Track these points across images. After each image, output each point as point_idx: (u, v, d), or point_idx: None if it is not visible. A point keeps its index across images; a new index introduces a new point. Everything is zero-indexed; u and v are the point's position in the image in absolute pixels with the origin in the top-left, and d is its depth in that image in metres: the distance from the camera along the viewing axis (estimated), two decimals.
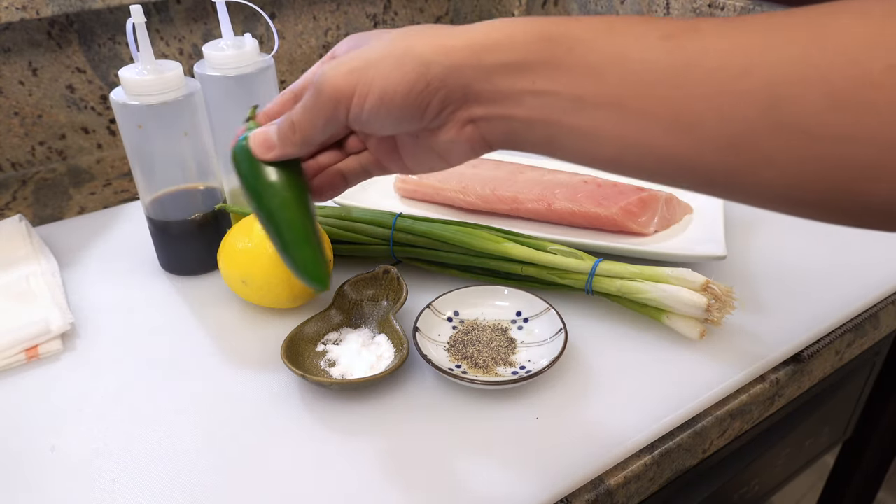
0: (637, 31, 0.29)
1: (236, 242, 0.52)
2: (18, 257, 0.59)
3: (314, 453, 0.42)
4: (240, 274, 0.52)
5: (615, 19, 0.30)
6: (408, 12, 1.03)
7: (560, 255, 0.52)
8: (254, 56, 0.56)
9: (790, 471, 0.72)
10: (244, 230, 0.52)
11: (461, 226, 0.56)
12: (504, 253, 0.53)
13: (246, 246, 0.51)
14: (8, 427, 0.45)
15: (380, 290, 0.53)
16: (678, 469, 0.47)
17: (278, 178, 0.38)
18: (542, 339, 0.49)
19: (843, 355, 0.57)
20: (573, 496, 0.41)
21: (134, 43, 0.50)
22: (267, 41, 0.92)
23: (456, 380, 0.45)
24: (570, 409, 0.45)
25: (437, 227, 0.55)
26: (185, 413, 0.46)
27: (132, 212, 0.69)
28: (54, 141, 0.82)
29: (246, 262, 0.51)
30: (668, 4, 0.86)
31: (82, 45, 0.79)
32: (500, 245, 0.53)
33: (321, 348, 0.49)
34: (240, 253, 0.51)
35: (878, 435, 0.84)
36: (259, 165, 0.38)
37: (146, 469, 0.42)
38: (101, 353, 0.51)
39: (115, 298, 0.57)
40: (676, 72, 0.28)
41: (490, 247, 0.53)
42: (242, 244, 0.51)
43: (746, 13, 0.77)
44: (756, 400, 0.49)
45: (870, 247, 0.61)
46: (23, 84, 0.78)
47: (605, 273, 0.51)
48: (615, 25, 0.30)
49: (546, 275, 0.52)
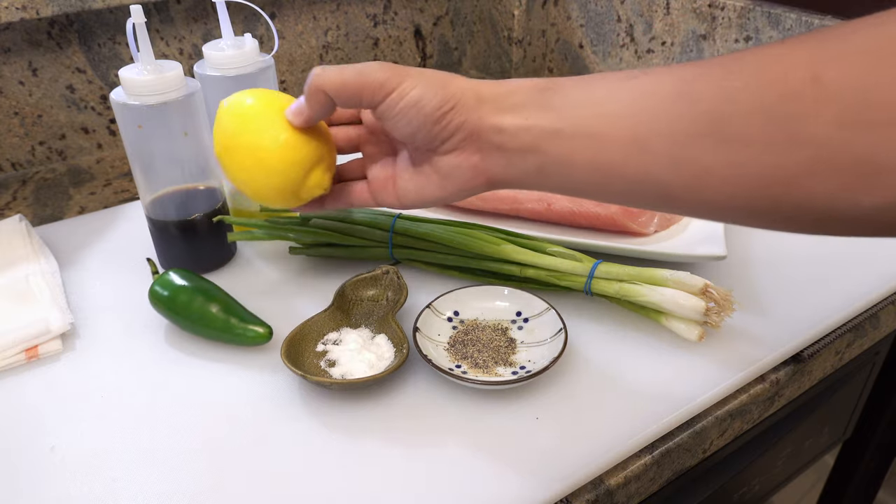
0: (609, 77, 0.36)
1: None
2: (18, 257, 0.59)
3: (314, 453, 0.42)
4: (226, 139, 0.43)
5: (598, 74, 0.38)
6: (408, 12, 1.03)
7: (559, 258, 0.52)
8: (254, 56, 0.56)
9: (790, 471, 0.72)
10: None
11: (460, 227, 0.56)
12: (503, 255, 0.53)
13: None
14: (8, 427, 0.45)
15: (380, 290, 0.53)
16: (678, 469, 0.47)
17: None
18: (542, 339, 0.49)
19: (843, 355, 0.57)
20: (573, 496, 0.41)
21: (134, 43, 0.50)
22: (267, 41, 0.92)
23: (456, 380, 0.45)
24: (570, 409, 0.45)
25: (436, 229, 0.55)
26: (184, 413, 0.46)
27: (132, 212, 0.69)
28: (54, 141, 0.82)
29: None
30: (668, 4, 0.86)
31: (82, 45, 0.79)
32: (499, 247, 0.53)
33: (321, 348, 0.49)
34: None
35: (878, 435, 0.84)
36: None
37: (146, 469, 0.42)
38: (101, 353, 0.51)
39: (115, 298, 0.57)
40: (633, 101, 0.34)
41: (489, 249, 0.53)
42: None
43: (746, 13, 0.78)
44: (756, 400, 0.49)
45: (870, 246, 0.61)
46: (23, 84, 0.78)
47: (603, 275, 0.51)
48: (594, 77, 0.37)
49: (545, 276, 0.52)
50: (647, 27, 0.90)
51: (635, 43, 0.93)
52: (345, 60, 1.00)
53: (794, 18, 0.74)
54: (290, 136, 0.42)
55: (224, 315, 0.49)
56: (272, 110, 0.42)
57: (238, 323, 0.49)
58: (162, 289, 0.51)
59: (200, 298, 0.50)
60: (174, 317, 0.51)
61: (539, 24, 1.04)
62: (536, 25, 1.04)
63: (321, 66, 0.40)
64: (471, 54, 1.13)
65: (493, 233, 0.55)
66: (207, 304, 0.50)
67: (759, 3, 0.77)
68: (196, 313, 0.50)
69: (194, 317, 0.50)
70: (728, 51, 0.81)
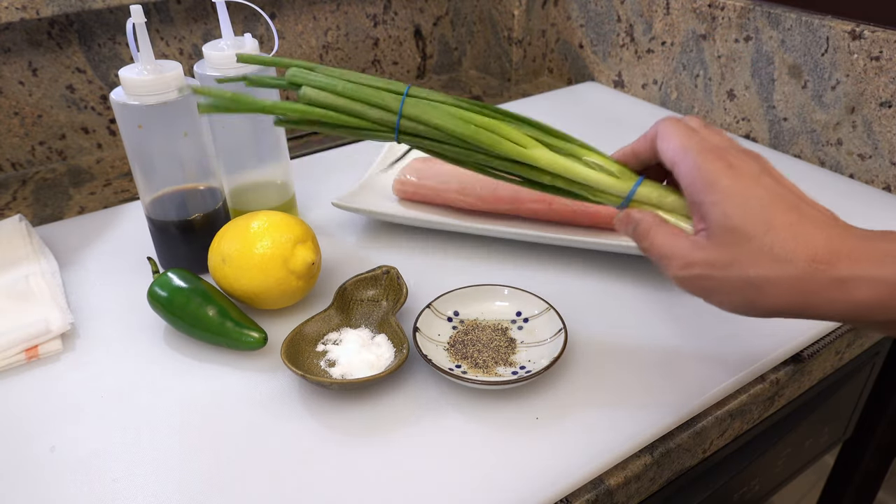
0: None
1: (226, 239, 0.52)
2: (18, 257, 0.59)
3: (314, 453, 0.42)
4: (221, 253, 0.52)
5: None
6: (408, 12, 1.03)
7: (596, 171, 0.44)
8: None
9: (790, 471, 0.72)
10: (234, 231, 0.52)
11: (483, 114, 0.46)
12: (532, 160, 0.45)
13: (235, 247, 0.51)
14: (8, 427, 0.45)
15: (380, 290, 0.53)
16: (678, 469, 0.47)
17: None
18: (542, 339, 0.49)
19: (843, 355, 0.57)
20: (573, 496, 0.41)
21: (134, 43, 0.50)
22: (267, 41, 0.92)
23: (456, 380, 0.45)
24: (570, 409, 0.45)
25: (455, 123, 0.45)
26: (185, 413, 0.46)
27: (132, 212, 0.69)
28: (54, 141, 0.82)
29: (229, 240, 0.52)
30: (668, 4, 0.86)
31: (82, 45, 0.79)
32: (528, 151, 0.45)
33: (321, 348, 0.49)
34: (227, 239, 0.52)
35: (878, 435, 0.84)
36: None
37: (146, 469, 0.42)
38: (101, 353, 0.51)
39: (115, 298, 0.57)
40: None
41: (516, 152, 0.45)
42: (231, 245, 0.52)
43: (746, 13, 0.78)
44: (756, 400, 0.49)
45: None
46: (23, 84, 0.78)
47: (643, 199, 0.43)
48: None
49: (577, 188, 0.46)
50: (647, 27, 0.90)
51: (635, 43, 0.93)
52: (345, 60, 1.00)
53: (794, 18, 0.74)
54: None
55: (220, 319, 0.49)
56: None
57: (233, 327, 0.49)
58: (160, 289, 0.51)
59: (197, 301, 0.50)
60: (171, 318, 0.51)
61: (539, 24, 1.05)
62: (536, 25, 1.04)
63: (656, 222, 0.40)
64: (471, 54, 1.13)
65: (523, 127, 0.46)
66: (204, 307, 0.50)
67: (759, 3, 0.77)
68: (192, 316, 0.50)
69: (190, 319, 0.50)
70: (728, 51, 0.81)
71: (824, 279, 0.33)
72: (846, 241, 0.34)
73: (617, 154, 0.44)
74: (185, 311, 0.50)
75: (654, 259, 0.40)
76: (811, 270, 0.33)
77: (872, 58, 0.68)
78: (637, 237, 0.41)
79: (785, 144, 0.79)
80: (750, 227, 0.34)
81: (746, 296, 0.35)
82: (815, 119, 0.75)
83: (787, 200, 0.35)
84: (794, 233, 0.34)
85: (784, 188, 0.36)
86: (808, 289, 0.33)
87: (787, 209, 0.35)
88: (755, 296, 0.35)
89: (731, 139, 0.40)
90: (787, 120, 0.78)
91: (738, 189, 0.35)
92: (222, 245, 0.51)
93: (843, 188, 0.71)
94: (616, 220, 0.43)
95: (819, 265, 0.33)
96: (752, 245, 0.34)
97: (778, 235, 0.34)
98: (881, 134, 0.70)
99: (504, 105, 0.93)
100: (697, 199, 0.37)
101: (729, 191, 0.35)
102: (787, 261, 0.33)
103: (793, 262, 0.33)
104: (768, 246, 0.34)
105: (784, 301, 0.34)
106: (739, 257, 0.35)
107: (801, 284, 0.33)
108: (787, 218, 0.34)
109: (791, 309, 0.34)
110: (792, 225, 0.34)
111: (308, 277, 0.52)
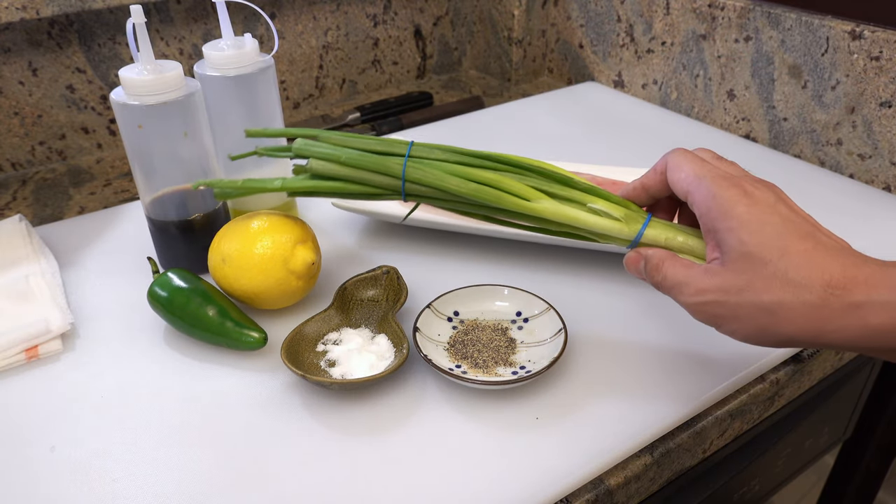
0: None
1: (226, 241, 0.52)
2: (18, 257, 0.59)
3: (314, 453, 0.42)
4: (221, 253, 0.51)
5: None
6: (408, 12, 1.03)
7: (602, 218, 0.44)
8: (254, 56, 0.56)
9: (790, 471, 0.72)
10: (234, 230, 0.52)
11: (484, 169, 0.47)
12: (537, 213, 0.46)
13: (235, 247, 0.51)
14: (8, 427, 0.45)
15: (380, 290, 0.53)
16: (678, 469, 0.47)
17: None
18: (542, 339, 0.49)
19: (843, 355, 0.57)
20: (573, 496, 0.41)
21: (134, 43, 0.50)
22: (267, 41, 0.92)
23: (456, 380, 0.45)
24: (570, 409, 0.45)
25: (455, 183, 0.46)
26: (185, 413, 0.46)
27: (132, 212, 0.69)
28: (54, 141, 0.82)
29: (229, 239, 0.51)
30: (668, 4, 0.86)
31: (82, 45, 0.79)
32: (530, 204, 0.46)
33: (321, 348, 0.49)
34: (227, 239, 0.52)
35: (878, 435, 0.84)
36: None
37: (146, 469, 0.42)
38: (101, 353, 0.51)
39: (115, 298, 0.57)
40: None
41: (519, 205, 0.46)
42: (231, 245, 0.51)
43: (746, 13, 0.78)
44: (756, 400, 0.49)
45: (870, 246, 0.60)
46: (23, 84, 0.78)
47: (650, 241, 0.44)
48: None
49: (584, 233, 0.46)
50: (647, 27, 0.90)
51: (635, 43, 0.93)
52: (345, 60, 1.00)
53: (794, 18, 0.74)
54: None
55: (220, 319, 0.49)
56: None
57: (233, 327, 0.49)
58: (160, 289, 0.51)
59: (197, 301, 0.50)
60: (171, 318, 0.51)
61: (539, 24, 1.05)
62: (536, 25, 1.04)
63: (668, 255, 0.40)
64: (471, 54, 1.13)
65: (526, 177, 0.47)
66: (204, 307, 0.50)
67: (759, 3, 0.77)
68: (192, 316, 0.50)
69: (190, 319, 0.50)
70: (728, 51, 0.81)
71: (839, 305, 0.33)
72: (862, 268, 0.33)
73: (626, 189, 0.44)
74: (185, 311, 0.50)
75: (667, 289, 0.39)
76: (826, 296, 0.33)
77: (872, 58, 0.68)
78: (649, 271, 0.41)
79: (785, 144, 0.79)
80: (765, 253, 0.34)
81: (759, 322, 0.35)
82: (815, 119, 0.75)
83: (802, 228, 0.35)
84: (810, 259, 0.34)
85: (799, 217, 0.36)
86: (822, 315, 0.33)
87: (802, 237, 0.35)
88: (768, 322, 0.34)
89: (744, 170, 0.39)
90: (787, 120, 0.78)
91: (753, 216, 0.35)
92: (222, 245, 0.51)
93: (843, 188, 0.71)
94: (625, 261, 0.43)
95: (835, 290, 0.33)
96: (767, 270, 0.34)
97: (793, 261, 0.34)
98: (881, 134, 0.70)
99: (504, 105, 0.93)
100: (713, 227, 0.37)
101: (744, 217, 0.35)
102: (803, 286, 0.33)
103: (808, 287, 0.33)
104: (783, 271, 0.34)
105: (797, 327, 0.34)
106: (754, 282, 0.35)
107: (816, 311, 0.33)
108: (803, 245, 0.34)
109: (804, 336, 0.34)
110: (807, 251, 0.34)
111: (308, 277, 0.52)
